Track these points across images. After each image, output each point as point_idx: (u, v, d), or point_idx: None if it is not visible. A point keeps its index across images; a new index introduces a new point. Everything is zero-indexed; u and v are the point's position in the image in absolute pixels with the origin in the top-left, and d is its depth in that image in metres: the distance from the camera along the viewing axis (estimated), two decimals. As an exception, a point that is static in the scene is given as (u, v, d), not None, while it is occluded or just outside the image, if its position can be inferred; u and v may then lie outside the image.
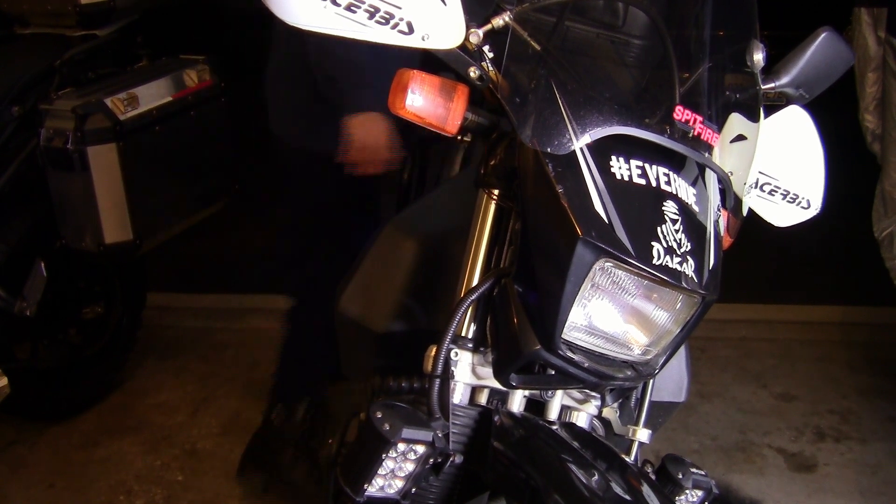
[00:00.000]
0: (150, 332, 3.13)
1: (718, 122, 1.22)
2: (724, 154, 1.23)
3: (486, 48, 1.14)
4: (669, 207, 1.11)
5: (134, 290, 2.95)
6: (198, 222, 2.86)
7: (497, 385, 1.22)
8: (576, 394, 1.29)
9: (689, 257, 1.11)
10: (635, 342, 1.16)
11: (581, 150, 1.09)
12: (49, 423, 2.75)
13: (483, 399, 1.25)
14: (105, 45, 2.69)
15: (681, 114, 1.15)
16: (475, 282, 1.24)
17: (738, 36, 1.27)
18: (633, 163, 1.12)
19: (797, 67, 1.36)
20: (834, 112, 1.72)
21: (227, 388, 2.96)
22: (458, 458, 1.20)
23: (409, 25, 1.06)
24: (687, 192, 1.15)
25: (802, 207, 1.37)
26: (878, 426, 2.70)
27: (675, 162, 1.16)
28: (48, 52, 2.55)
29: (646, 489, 1.13)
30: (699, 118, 1.17)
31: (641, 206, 1.10)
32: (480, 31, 1.12)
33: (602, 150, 1.11)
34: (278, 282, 2.50)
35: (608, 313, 1.13)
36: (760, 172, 1.32)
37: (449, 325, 1.18)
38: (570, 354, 1.11)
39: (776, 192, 1.35)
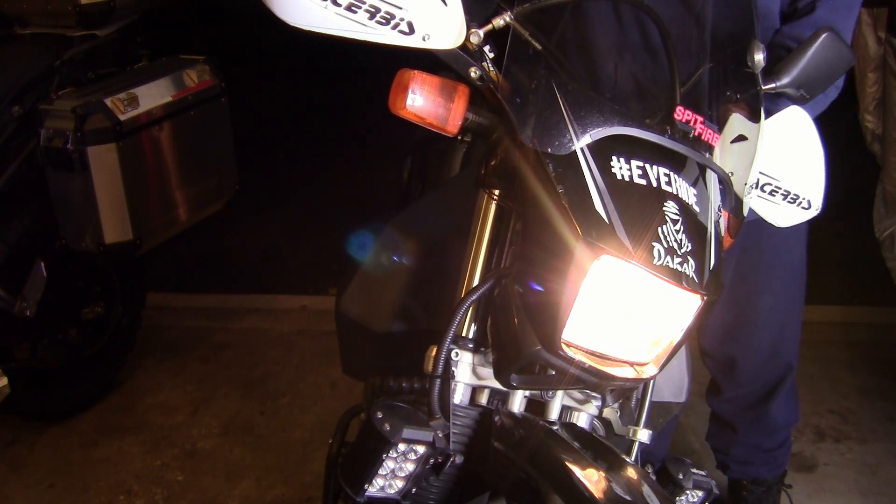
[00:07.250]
0: (150, 332, 3.12)
1: (719, 123, 1.22)
2: (724, 154, 1.23)
3: (486, 48, 1.14)
4: (670, 208, 1.11)
5: (134, 290, 2.94)
6: (198, 222, 2.86)
7: (497, 385, 1.22)
8: (576, 394, 1.29)
9: (689, 258, 1.11)
10: (635, 342, 1.16)
11: (582, 150, 1.09)
12: (49, 423, 2.75)
13: (483, 399, 1.25)
14: (105, 45, 2.69)
15: (681, 114, 1.15)
16: (475, 282, 1.24)
17: (738, 36, 1.27)
18: (634, 163, 1.12)
19: (798, 68, 1.35)
20: (834, 112, 1.71)
21: (227, 389, 2.96)
22: (459, 459, 1.20)
23: (410, 25, 1.06)
24: (687, 193, 1.15)
25: (803, 208, 1.37)
26: (878, 426, 2.70)
27: (675, 162, 1.16)
28: (48, 52, 2.55)
29: (646, 489, 1.13)
30: (700, 118, 1.17)
31: (642, 207, 1.10)
32: (481, 31, 1.12)
33: (602, 151, 1.11)
34: (278, 282, 2.49)
35: (608, 313, 1.13)
36: (761, 173, 1.32)
37: (449, 326, 1.18)
38: (570, 354, 1.11)
39: (777, 192, 1.35)
